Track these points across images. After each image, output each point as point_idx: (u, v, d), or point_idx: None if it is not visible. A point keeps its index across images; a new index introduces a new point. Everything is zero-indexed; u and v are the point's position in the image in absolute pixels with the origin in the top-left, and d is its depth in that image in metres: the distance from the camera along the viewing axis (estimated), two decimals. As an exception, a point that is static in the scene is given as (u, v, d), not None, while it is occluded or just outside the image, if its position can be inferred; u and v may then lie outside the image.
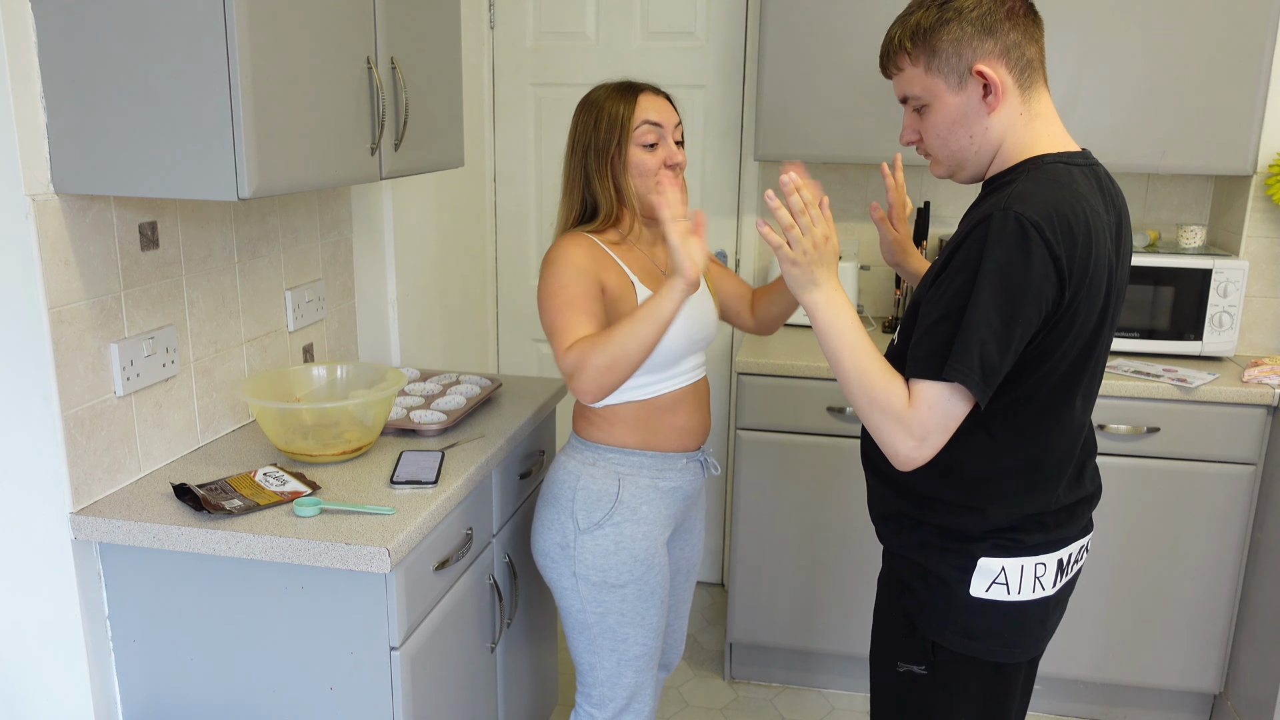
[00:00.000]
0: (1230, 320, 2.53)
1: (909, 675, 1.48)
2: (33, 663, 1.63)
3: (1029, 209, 1.26)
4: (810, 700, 2.76)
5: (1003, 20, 1.33)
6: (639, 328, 1.52)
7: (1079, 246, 1.28)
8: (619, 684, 1.80)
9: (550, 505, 1.78)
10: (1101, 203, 1.36)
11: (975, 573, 1.40)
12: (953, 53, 1.34)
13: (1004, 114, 1.36)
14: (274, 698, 1.60)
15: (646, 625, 1.78)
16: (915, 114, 1.43)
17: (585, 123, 1.73)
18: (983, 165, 1.42)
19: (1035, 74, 1.37)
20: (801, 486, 2.59)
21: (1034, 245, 1.25)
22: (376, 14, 1.73)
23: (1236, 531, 2.45)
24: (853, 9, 2.53)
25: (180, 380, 1.79)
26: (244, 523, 1.53)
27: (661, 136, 1.72)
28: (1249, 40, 2.40)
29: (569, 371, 1.58)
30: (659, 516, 1.77)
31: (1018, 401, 1.34)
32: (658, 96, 1.75)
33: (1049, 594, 1.44)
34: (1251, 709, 2.45)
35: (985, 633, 1.42)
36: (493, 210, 3.26)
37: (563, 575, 1.77)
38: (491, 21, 3.11)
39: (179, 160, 1.41)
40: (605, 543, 1.72)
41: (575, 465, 1.76)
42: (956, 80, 1.36)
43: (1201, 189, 2.83)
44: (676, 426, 1.78)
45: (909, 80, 1.40)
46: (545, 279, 1.68)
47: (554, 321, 1.64)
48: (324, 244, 2.25)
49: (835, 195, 3.01)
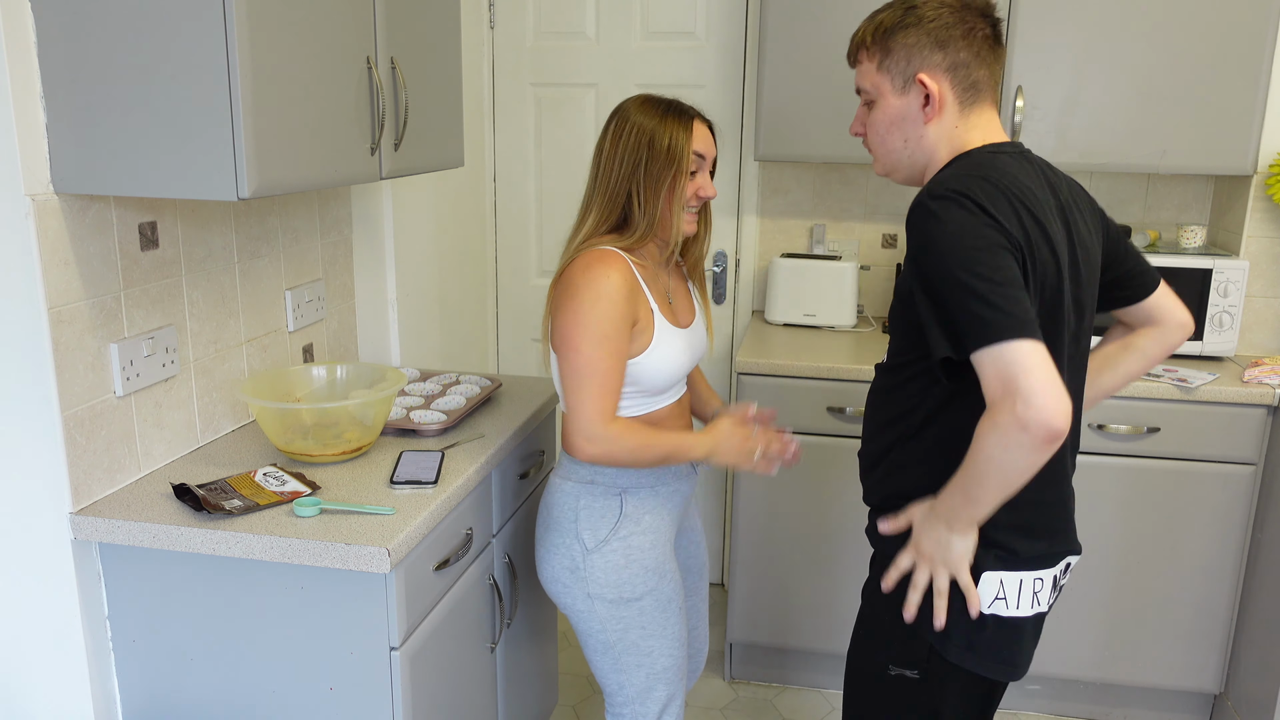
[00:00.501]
0: (1230, 320, 2.53)
1: (900, 679, 1.47)
2: (32, 663, 1.63)
3: (946, 187, 1.28)
4: (810, 700, 2.76)
5: (958, 39, 1.37)
6: (662, 455, 1.65)
7: (1010, 206, 1.28)
8: (650, 699, 1.77)
9: (553, 530, 1.75)
10: (1035, 182, 1.36)
11: (980, 583, 1.39)
12: (903, 56, 1.39)
13: (940, 126, 1.41)
14: (274, 698, 1.60)
15: (669, 635, 1.76)
16: (865, 108, 1.48)
17: (639, 140, 1.64)
18: (916, 170, 1.46)
19: (981, 95, 1.41)
20: (801, 486, 2.59)
21: (965, 205, 1.26)
22: (376, 14, 1.73)
23: (1236, 531, 2.45)
24: (852, 9, 2.52)
25: (180, 380, 1.79)
26: (244, 523, 1.53)
27: (701, 168, 1.69)
28: (1249, 40, 2.40)
29: (592, 436, 1.59)
30: (662, 524, 1.75)
31: (975, 386, 1.29)
32: (705, 126, 1.71)
33: (1043, 610, 1.45)
34: (1251, 709, 2.45)
35: (987, 647, 1.42)
36: (493, 210, 3.26)
37: (576, 599, 1.73)
38: (491, 21, 3.11)
39: (179, 160, 1.41)
40: (615, 558, 1.70)
41: (573, 486, 1.73)
42: (901, 83, 1.41)
43: (1201, 189, 2.83)
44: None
45: (863, 74, 1.46)
46: (583, 310, 1.58)
47: (589, 376, 1.58)
48: (324, 244, 2.25)
49: (835, 195, 3.01)
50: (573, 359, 1.59)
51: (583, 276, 1.60)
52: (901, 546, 1.46)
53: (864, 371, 2.49)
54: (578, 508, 1.72)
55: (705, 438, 1.70)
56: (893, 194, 2.99)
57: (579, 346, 1.58)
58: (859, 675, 1.57)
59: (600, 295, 1.58)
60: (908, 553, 1.43)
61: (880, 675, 1.50)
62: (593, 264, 1.60)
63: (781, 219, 3.07)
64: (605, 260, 1.61)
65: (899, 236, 3.01)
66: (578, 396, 1.59)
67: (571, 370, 1.59)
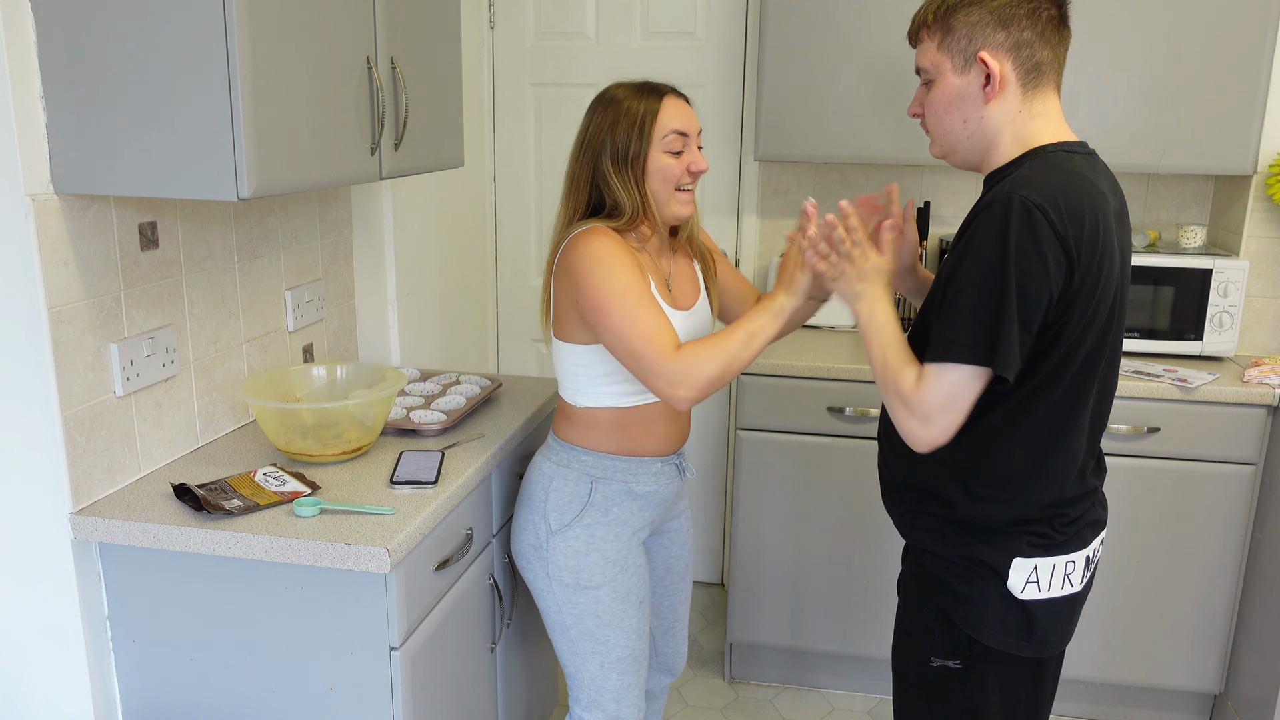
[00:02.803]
0: (1230, 320, 2.53)
1: (943, 670, 1.49)
2: (33, 663, 1.63)
3: (1033, 192, 1.28)
4: (810, 700, 2.76)
5: (1022, 18, 1.35)
6: (755, 342, 1.55)
7: (1085, 227, 1.30)
8: (605, 686, 1.79)
9: (525, 505, 1.78)
10: (1106, 187, 1.38)
11: (1011, 570, 1.41)
12: (964, 34, 1.37)
13: (1001, 107, 1.39)
14: (274, 698, 1.60)
15: (626, 627, 1.76)
16: (924, 88, 1.46)
17: (600, 122, 1.64)
18: (975, 153, 1.44)
19: (1044, 78, 1.39)
20: (802, 486, 2.59)
21: (1039, 226, 1.26)
22: (376, 14, 1.73)
23: (1236, 531, 2.45)
24: (852, 9, 2.53)
25: (180, 380, 1.79)
26: (244, 523, 1.53)
27: (687, 145, 1.66)
28: (1249, 40, 2.40)
29: (675, 378, 1.51)
30: (631, 519, 1.75)
31: (1038, 391, 1.36)
32: (680, 100, 1.68)
33: (1077, 590, 1.46)
34: (1251, 709, 2.45)
35: (1020, 628, 1.44)
36: (493, 210, 3.26)
37: (538, 576, 1.77)
38: (491, 21, 3.11)
39: (179, 160, 1.41)
40: (576, 543, 1.72)
41: (550, 467, 1.75)
42: (962, 62, 1.38)
43: (1201, 189, 2.83)
44: (655, 434, 1.75)
45: (924, 52, 1.44)
46: (595, 276, 1.56)
47: (630, 324, 1.54)
48: (324, 244, 2.25)
49: (835, 195, 3.01)
50: (609, 321, 1.56)
51: (575, 254, 1.60)
52: (942, 558, 1.48)
53: (864, 371, 2.49)
54: (549, 488, 1.74)
55: (773, 295, 1.60)
56: (893, 194, 2.99)
57: (608, 307, 1.56)
58: (904, 672, 1.58)
59: (600, 257, 1.57)
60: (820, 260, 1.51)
61: (924, 669, 1.51)
62: (578, 241, 1.62)
63: (781, 219, 3.06)
64: (590, 233, 1.62)
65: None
66: (636, 354, 1.54)
67: (614, 333, 1.56)
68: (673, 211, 1.69)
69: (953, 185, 2.93)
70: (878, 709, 2.72)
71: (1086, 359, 1.37)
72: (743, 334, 1.56)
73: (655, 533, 1.88)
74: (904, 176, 2.95)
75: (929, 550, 1.50)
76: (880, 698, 2.76)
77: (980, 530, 1.43)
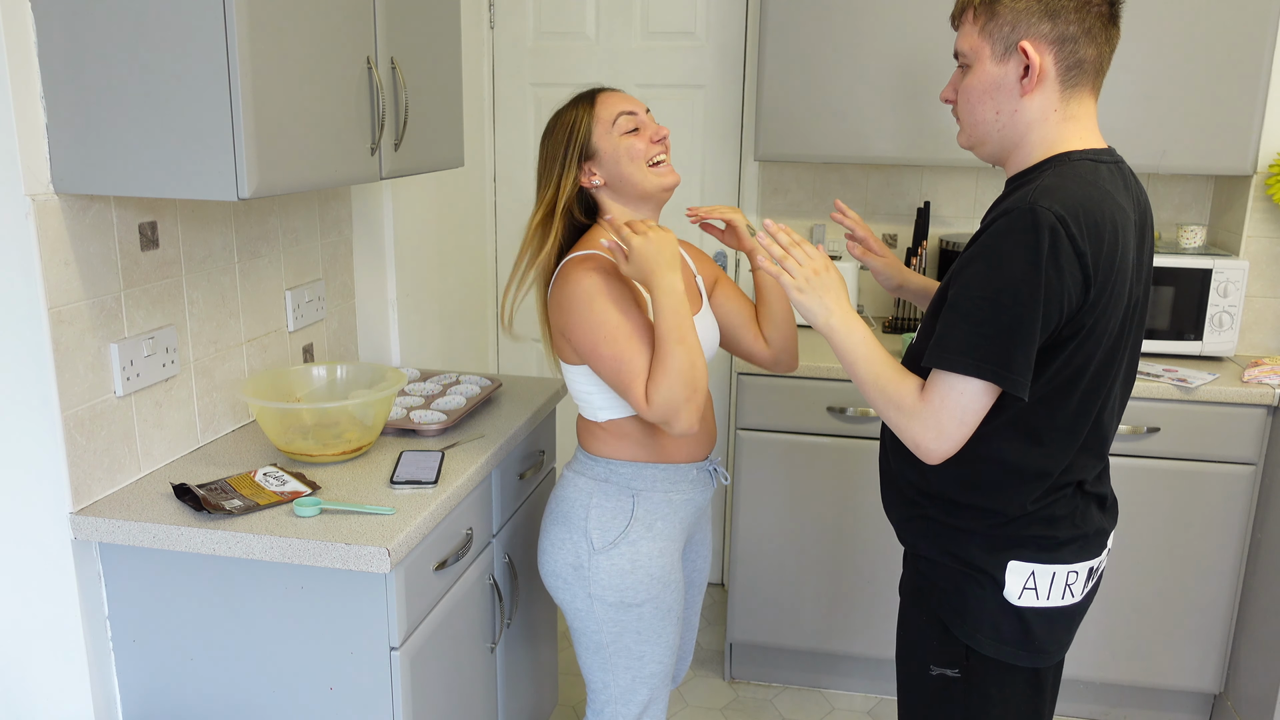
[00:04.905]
0: (1230, 320, 2.53)
1: (942, 679, 1.48)
2: (33, 663, 1.63)
3: (1054, 203, 1.25)
4: (810, 700, 2.76)
5: (1070, 10, 1.31)
6: (687, 340, 1.52)
7: (1104, 243, 1.27)
8: (632, 700, 1.76)
9: (561, 524, 1.73)
10: (1128, 200, 1.35)
11: (1008, 574, 1.40)
12: (1008, 22, 1.33)
13: (1037, 102, 1.35)
14: (274, 698, 1.60)
15: (663, 643, 1.74)
16: (960, 72, 1.43)
17: (553, 146, 1.70)
18: (1004, 147, 1.40)
19: (1084, 76, 1.34)
20: (801, 486, 2.59)
21: (1059, 241, 1.24)
22: (376, 14, 1.73)
23: (1236, 531, 2.45)
24: (852, 9, 2.53)
25: (180, 380, 1.79)
26: (244, 523, 1.53)
27: (640, 121, 1.69)
28: (1249, 40, 2.40)
29: (664, 420, 1.53)
30: (673, 532, 1.73)
31: (1047, 402, 1.34)
32: (613, 90, 1.73)
33: (1077, 601, 1.45)
34: (1251, 709, 2.45)
35: (1017, 637, 1.42)
36: (493, 210, 3.26)
37: (577, 597, 1.71)
38: (491, 21, 3.11)
39: (179, 160, 1.41)
40: (621, 562, 1.68)
41: (587, 483, 1.71)
42: (1002, 50, 1.34)
43: (1201, 189, 2.83)
44: (684, 439, 1.72)
45: (964, 36, 1.40)
46: (580, 314, 1.58)
47: (616, 369, 1.56)
48: (324, 244, 2.25)
49: (835, 195, 3.01)
50: (598, 366, 1.59)
51: (563, 291, 1.61)
52: (939, 564, 1.47)
53: (864, 371, 2.49)
54: (589, 505, 1.69)
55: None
56: (892, 194, 2.99)
57: (598, 353, 1.58)
58: (905, 679, 1.57)
59: (588, 296, 1.57)
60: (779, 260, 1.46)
61: (924, 677, 1.50)
62: (566, 277, 1.62)
63: (781, 219, 3.06)
64: (577, 269, 1.61)
65: (899, 237, 3.01)
66: (624, 395, 1.57)
67: (606, 371, 1.58)
68: (655, 184, 1.68)
69: (953, 185, 2.93)
70: (878, 709, 2.72)
71: (1098, 373, 1.35)
72: (673, 344, 1.52)
73: (686, 543, 1.87)
74: (904, 176, 2.95)
75: (927, 555, 1.50)
76: (880, 698, 2.76)
77: (977, 534, 1.42)
